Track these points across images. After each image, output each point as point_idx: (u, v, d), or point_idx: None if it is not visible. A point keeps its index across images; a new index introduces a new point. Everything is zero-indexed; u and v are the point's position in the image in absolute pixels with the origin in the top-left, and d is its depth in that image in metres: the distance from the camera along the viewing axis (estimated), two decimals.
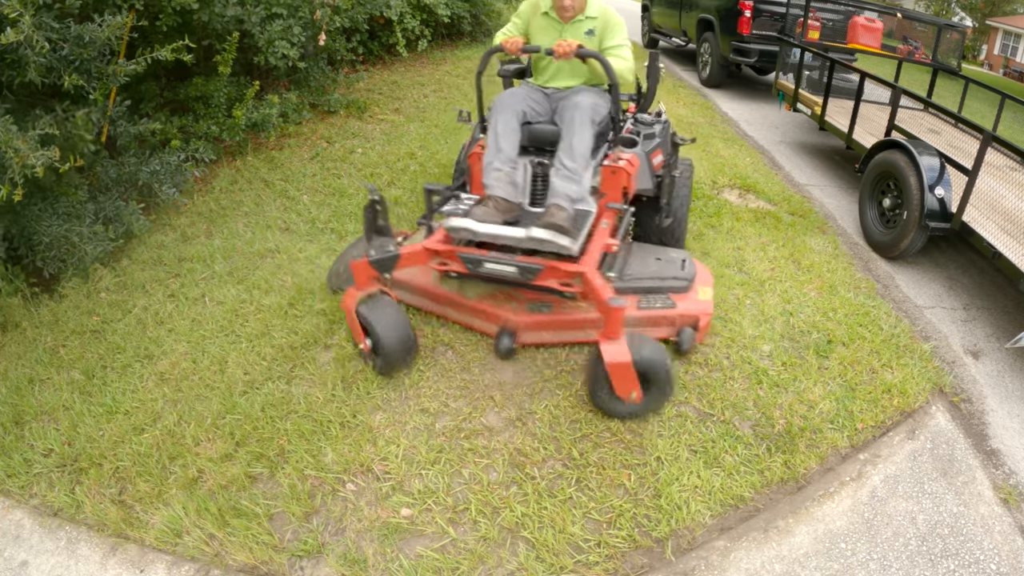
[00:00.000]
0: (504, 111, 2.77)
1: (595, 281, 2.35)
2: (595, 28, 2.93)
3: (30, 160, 2.53)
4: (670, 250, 3.15)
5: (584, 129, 2.64)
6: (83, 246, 3.11)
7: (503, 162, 2.68)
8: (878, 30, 6.35)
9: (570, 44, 2.67)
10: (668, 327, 2.83)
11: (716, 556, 2.05)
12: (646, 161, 3.04)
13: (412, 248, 2.58)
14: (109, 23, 2.93)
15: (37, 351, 2.77)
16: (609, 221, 2.80)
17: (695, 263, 3.06)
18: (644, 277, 2.89)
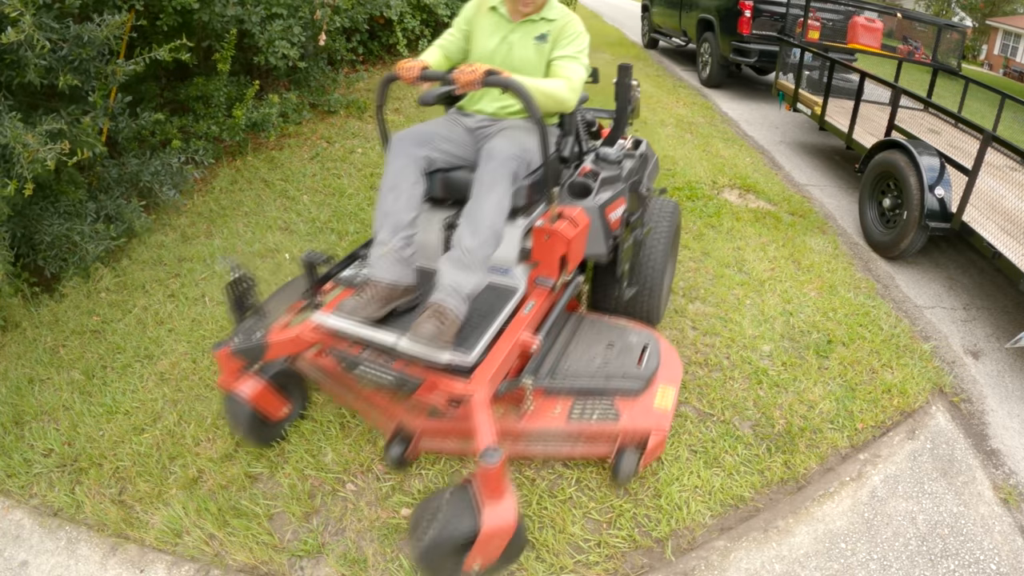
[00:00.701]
0: (397, 160, 2.11)
1: (479, 417, 1.74)
2: (549, 33, 2.30)
3: (40, 154, 2.53)
4: (631, 330, 2.42)
5: (495, 190, 2.00)
6: (84, 245, 3.11)
7: (390, 233, 2.04)
8: (878, 30, 6.36)
9: (475, 69, 1.97)
10: (606, 445, 2.16)
11: (716, 556, 2.05)
12: (599, 217, 2.33)
13: (283, 335, 2.07)
14: (108, 23, 2.93)
15: (37, 351, 2.77)
16: (538, 302, 2.18)
17: (662, 348, 2.35)
18: (584, 374, 2.18)
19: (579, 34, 2.32)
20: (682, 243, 3.94)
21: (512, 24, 2.34)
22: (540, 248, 2.22)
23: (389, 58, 7.45)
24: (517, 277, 2.25)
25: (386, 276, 2.02)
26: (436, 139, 2.21)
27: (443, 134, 2.26)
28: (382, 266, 2.02)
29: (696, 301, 3.34)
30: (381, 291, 2.00)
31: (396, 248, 2.03)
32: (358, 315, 1.95)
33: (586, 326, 2.45)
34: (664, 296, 2.90)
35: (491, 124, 2.36)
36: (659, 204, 2.92)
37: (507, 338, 2.00)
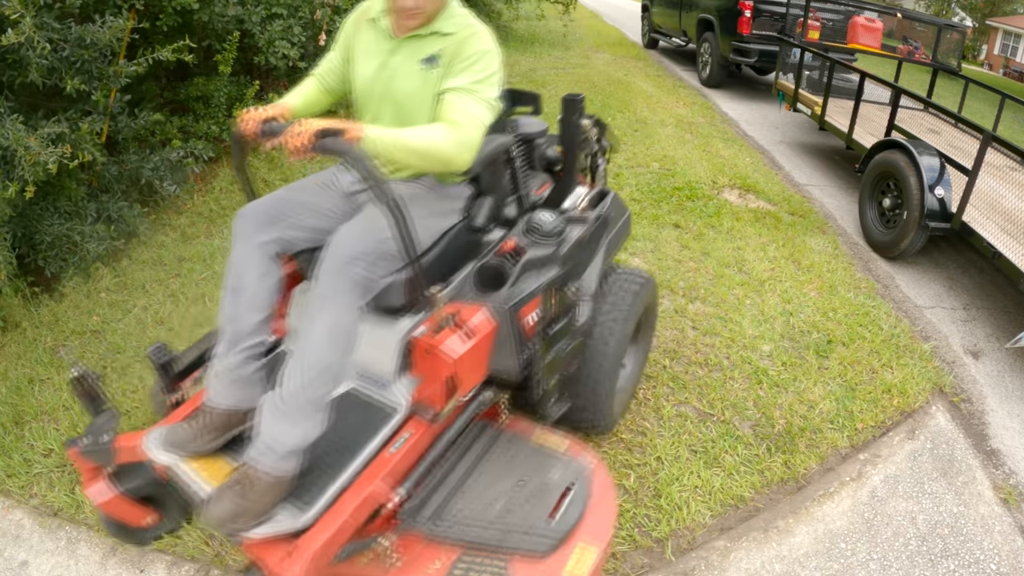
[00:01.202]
0: (239, 246, 1.65)
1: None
2: (441, 54, 1.65)
3: (42, 157, 2.53)
4: (557, 460, 1.83)
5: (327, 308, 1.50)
6: (84, 245, 3.11)
7: (229, 345, 1.64)
8: (878, 30, 6.36)
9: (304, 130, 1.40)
10: None
11: (716, 556, 2.05)
12: (511, 323, 1.73)
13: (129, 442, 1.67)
14: (110, 24, 2.93)
15: (37, 351, 2.77)
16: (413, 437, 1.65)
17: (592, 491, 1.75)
18: (478, 521, 1.66)
19: (481, 55, 1.64)
20: (682, 243, 3.93)
21: (395, 42, 1.70)
22: (421, 365, 1.66)
23: None
24: (397, 394, 1.72)
25: (222, 402, 1.61)
26: (296, 212, 1.69)
27: (308, 203, 1.73)
28: (216, 388, 1.62)
29: (696, 301, 3.34)
30: (216, 419, 1.61)
31: (235, 365, 1.62)
32: (185, 449, 1.57)
33: (501, 446, 1.87)
34: (622, 398, 2.34)
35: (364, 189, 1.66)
36: (623, 279, 2.20)
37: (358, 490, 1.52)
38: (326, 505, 1.50)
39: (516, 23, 11.10)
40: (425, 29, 1.68)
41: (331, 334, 1.49)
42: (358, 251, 1.52)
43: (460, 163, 1.60)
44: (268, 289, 1.66)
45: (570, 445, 1.89)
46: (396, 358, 1.71)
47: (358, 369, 1.78)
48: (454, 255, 1.81)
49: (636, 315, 2.18)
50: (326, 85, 1.89)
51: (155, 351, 1.83)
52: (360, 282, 1.52)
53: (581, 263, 2.02)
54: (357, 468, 1.57)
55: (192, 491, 1.54)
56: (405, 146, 1.52)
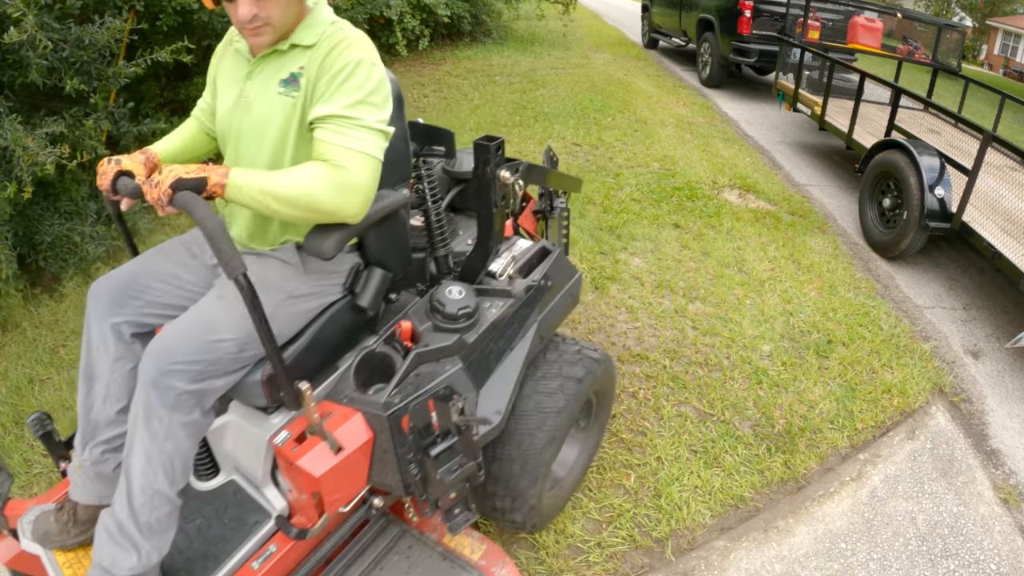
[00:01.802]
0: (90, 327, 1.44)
1: None
2: (302, 72, 1.33)
3: (40, 158, 2.53)
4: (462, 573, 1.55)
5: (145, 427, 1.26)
6: (85, 245, 3.11)
7: (83, 440, 1.45)
8: (878, 30, 6.36)
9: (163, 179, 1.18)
10: None
11: (716, 556, 2.05)
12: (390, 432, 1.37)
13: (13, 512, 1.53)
14: (109, 25, 2.93)
15: (37, 351, 2.77)
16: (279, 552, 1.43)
17: None
18: None
19: (352, 67, 1.29)
20: (682, 243, 3.94)
21: (251, 64, 1.39)
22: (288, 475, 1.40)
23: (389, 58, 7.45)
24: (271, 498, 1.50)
25: (83, 498, 1.44)
26: (152, 288, 1.47)
27: (167, 275, 1.50)
28: (78, 483, 1.45)
29: (696, 301, 3.34)
30: (81, 514, 1.45)
31: (94, 460, 1.43)
32: (53, 542, 1.45)
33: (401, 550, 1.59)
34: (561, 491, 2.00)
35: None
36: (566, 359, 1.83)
37: None
38: None
39: (516, 23, 11.10)
40: (283, 43, 1.35)
41: (153, 459, 1.26)
42: (178, 359, 1.24)
43: (347, 212, 1.28)
44: (124, 376, 1.41)
45: (486, 551, 1.59)
46: (265, 461, 1.47)
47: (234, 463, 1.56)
48: (334, 338, 1.49)
49: (581, 399, 1.80)
50: (204, 126, 1.62)
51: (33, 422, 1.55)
52: (183, 397, 1.25)
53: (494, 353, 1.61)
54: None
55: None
56: (276, 194, 1.22)
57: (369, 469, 1.42)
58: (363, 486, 1.44)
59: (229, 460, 1.55)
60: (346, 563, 1.52)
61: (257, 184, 1.23)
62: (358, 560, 1.53)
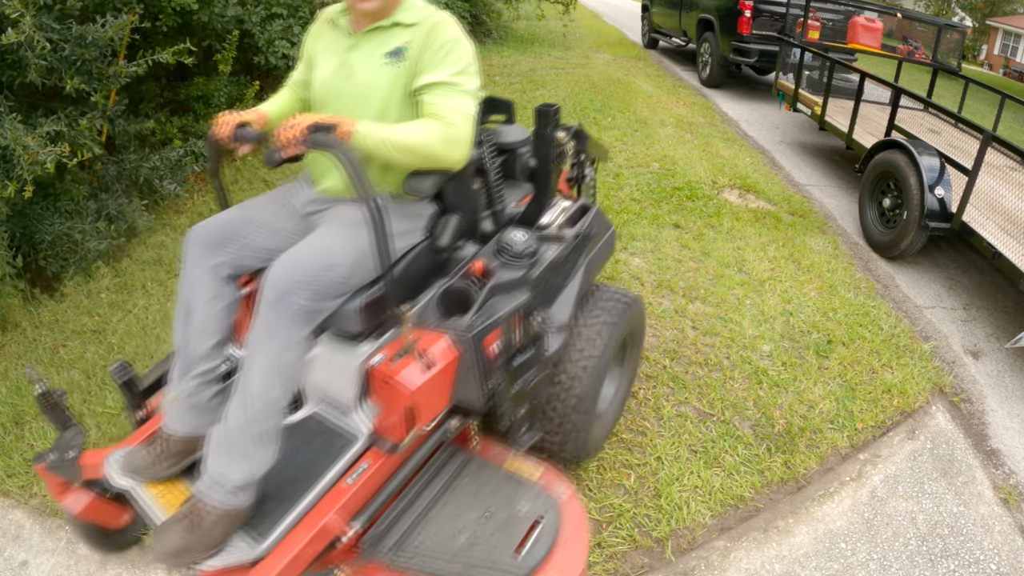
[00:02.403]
0: (189, 268, 1.59)
1: None
2: (408, 46, 1.57)
3: (40, 157, 2.53)
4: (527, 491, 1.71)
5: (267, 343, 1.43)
6: (85, 244, 3.11)
7: (182, 372, 1.59)
8: (878, 30, 6.36)
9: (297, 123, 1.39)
10: None
11: (716, 556, 2.05)
12: (475, 352, 1.61)
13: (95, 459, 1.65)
14: (112, 24, 2.93)
15: (37, 351, 2.77)
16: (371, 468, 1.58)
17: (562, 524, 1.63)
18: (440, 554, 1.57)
19: (452, 44, 1.56)
20: (682, 243, 3.94)
21: (353, 38, 1.63)
22: (380, 394, 1.59)
23: None
24: (357, 423, 1.64)
25: (180, 428, 1.59)
26: (248, 232, 1.62)
27: (260, 223, 1.65)
28: (173, 415, 1.60)
29: (696, 301, 3.34)
30: (174, 445, 1.59)
31: (190, 391, 1.58)
32: (143, 475, 1.57)
33: (470, 474, 1.76)
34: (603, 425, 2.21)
35: (322, 208, 1.69)
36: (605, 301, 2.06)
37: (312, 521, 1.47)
38: (280, 536, 1.45)
39: (516, 23, 11.10)
40: (386, 21, 1.60)
41: (272, 369, 1.42)
42: (298, 280, 1.42)
43: (452, 160, 1.54)
44: (219, 313, 1.59)
45: (544, 473, 1.76)
46: (355, 386, 1.62)
47: (319, 394, 1.71)
48: (416, 276, 1.69)
49: (618, 340, 2.03)
50: (298, 95, 1.85)
51: (117, 370, 1.76)
52: (300, 313, 1.42)
53: (555, 286, 1.89)
54: (313, 499, 1.52)
55: (148, 518, 1.51)
56: (395, 143, 1.46)
57: (453, 387, 1.63)
58: (446, 403, 1.66)
59: (315, 392, 1.70)
60: (422, 485, 1.69)
61: (380, 134, 1.45)
62: (432, 483, 1.71)
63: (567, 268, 1.95)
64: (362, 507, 1.56)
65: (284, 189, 1.81)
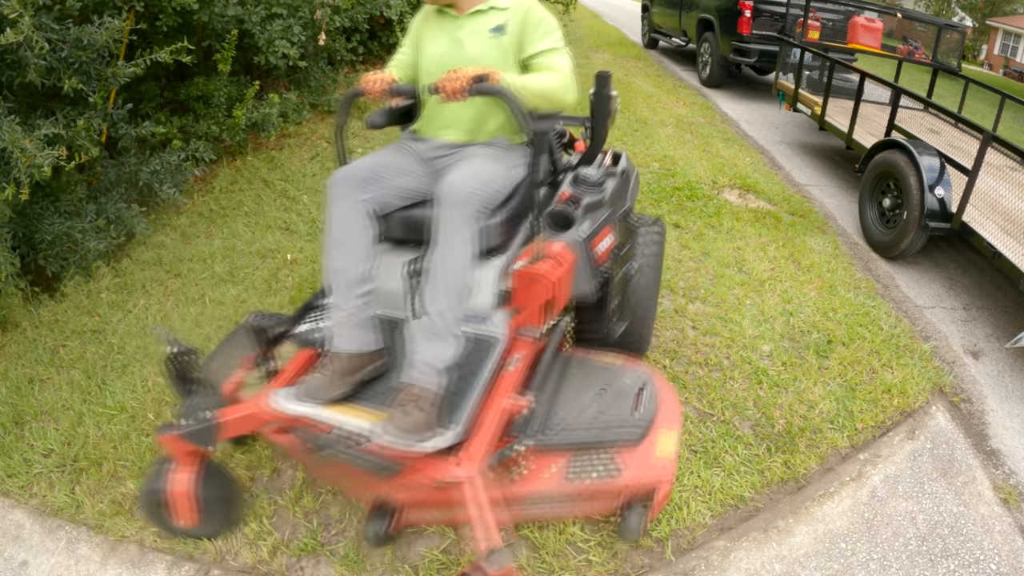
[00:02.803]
0: (343, 199, 1.81)
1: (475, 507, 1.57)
2: (506, 24, 1.97)
3: (37, 160, 2.53)
4: (624, 370, 2.14)
5: (457, 239, 1.71)
6: (85, 243, 3.11)
7: (345, 294, 1.79)
8: (878, 30, 6.36)
9: (461, 76, 1.72)
10: (608, 502, 1.92)
11: (716, 556, 2.05)
12: (585, 253, 2.05)
13: (236, 414, 1.78)
14: (109, 26, 2.93)
15: (37, 351, 2.77)
16: (524, 353, 1.94)
17: (658, 387, 2.08)
18: (578, 426, 1.92)
19: (546, 19, 2.03)
20: (682, 243, 3.94)
21: (459, 19, 2.03)
22: (521, 293, 1.93)
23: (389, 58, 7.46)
24: (496, 325, 1.95)
25: (349, 346, 1.77)
26: (385, 176, 1.89)
27: (394, 167, 1.93)
28: (343, 335, 1.77)
29: (696, 301, 3.34)
30: (345, 364, 1.76)
31: (354, 311, 1.79)
32: (322, 397, 1.71)
33: (574, 368, 2.14)
34: (651, 326, 2.73)
35: (449, 152, 2.03)
36: (645, 222, 2.62)
37: (493, 404, 1.76)
38: (469, 422, 1.71)
39: None
40: (484, 5, 2.02)
41: (462, 261, 1.72)
42: (472, 190, 1.74)
43: (568, 101, 1.95)
44: (369, 242, 1.83)
45: (625, 360, 2.23)
46: (494, 294, 1.95)
47: None
48: (524, 204, 2.06)
49: (662, 252, 2.66)
50: (403, 72, 2.16)
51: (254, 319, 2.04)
52: (476, 215, 1.74)
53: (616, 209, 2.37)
54: (484, 388, 1.81)
55: (348, 430, 1.68)
56: (530, 88, 1.85)
57: (572, 282, 2.04)
58: (568, 296, 2.07)
59: None
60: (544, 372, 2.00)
61: (519, 82, 1.83)
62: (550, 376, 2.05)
63: (620, 194, 2.44)
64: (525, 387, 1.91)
65: (401, 143, 2.12)
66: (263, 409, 1.75)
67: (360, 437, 1.66)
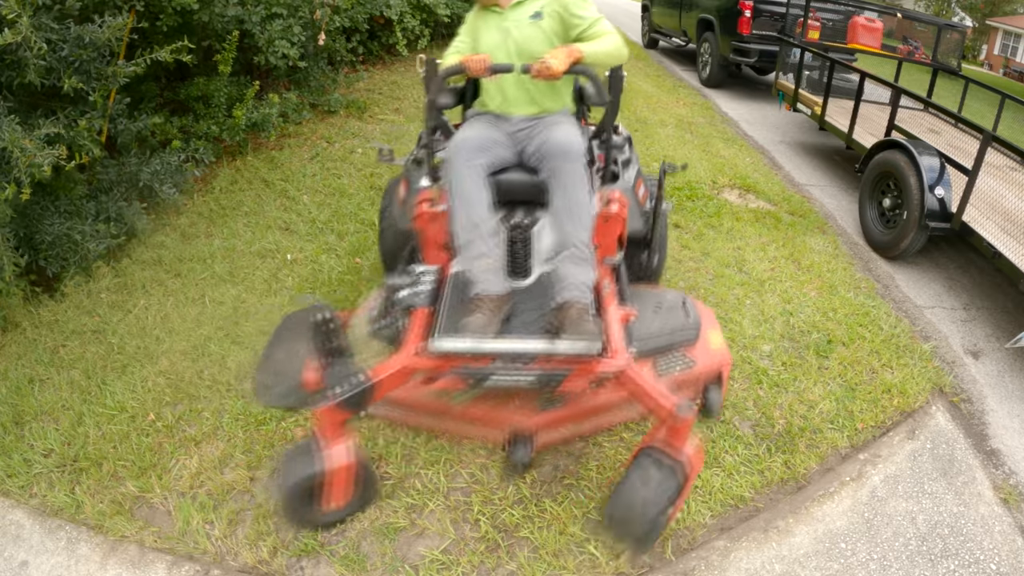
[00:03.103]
0: (468, 164, 2.10)
1: (644, 382, 1.89)
2: (542, 10, 2.28)
3: (37, 159, 2.53)
4: (665, 292, 2.64)
5: (580, 183, 2.07)
6: (85, 244, 3.11)
7: (486, 242, 2.06)
8: (878, 30, 6.36)
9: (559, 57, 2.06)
10: (693, 388, 2.40)
11: (716, 556, 2.05)
12: (633, 197, 2.55)
13: (388, 370, 1.90)
14: (109, 24, 2.93)
15: (37, 351, 2.77)
16: (608, 280, 2.29)
17: (694, 302, 2.56)
18: (651, 335, 2.33)
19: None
20: (682, 243, 3.95)
21: (504, 12, 2.33)
22: (601, 230, 2.31)
23: (389, 58, 7.46)
24: None
25: (498, 288, 2.03)
26: (490, 145, 2.23)
27: (492, 138, 2.27)
28: (490, 279, 2.03)
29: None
30: (496, 303, 1.99)
31: (497, 258, 2.10)
32: (488, 332, 1.89)
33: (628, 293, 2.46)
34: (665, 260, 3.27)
35: (531, 124, 2.36)
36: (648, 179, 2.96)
37: (612, 314, 2.08)
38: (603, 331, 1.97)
39: None
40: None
41: (588, 199, 2.10)
42: (578, 145, 2.13)
43: (625, 55, 2.30)
44: (489, 198, 2.12)
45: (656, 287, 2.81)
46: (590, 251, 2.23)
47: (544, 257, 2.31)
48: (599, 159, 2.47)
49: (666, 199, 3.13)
50: None
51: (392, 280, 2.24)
52: (584, 164, 2.12)
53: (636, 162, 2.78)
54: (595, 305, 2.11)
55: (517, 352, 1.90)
56: (604, 53, 2.20)
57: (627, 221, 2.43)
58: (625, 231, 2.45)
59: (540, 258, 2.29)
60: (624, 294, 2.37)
61: (591, 49, 2.16)
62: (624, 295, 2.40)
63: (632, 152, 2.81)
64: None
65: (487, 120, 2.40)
66: (417, 359, 1.91)
67: (527, 356, 1.89)
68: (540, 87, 2.32)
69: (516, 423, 2.18)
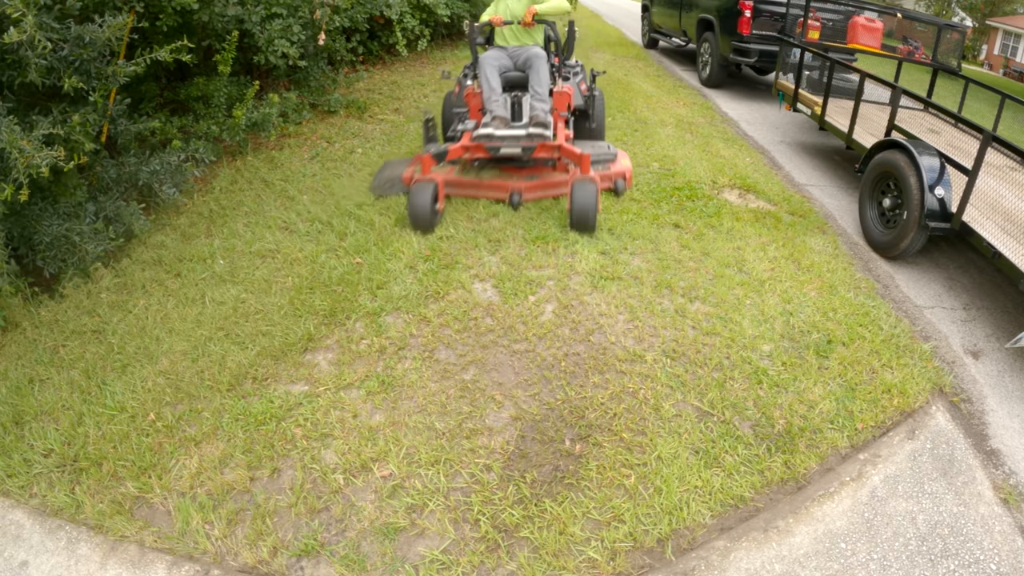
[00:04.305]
0: (490, 66, 4.27)
1: (571, 148, 4.03)
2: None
3: (35, 160, 2.53)
4: (599, 142, 4.87)
5: (543, 71, 4.24)
6: (84, 245, 3.11)
7: (497, 95, 4.22)
8: (878, 30, 6.35)
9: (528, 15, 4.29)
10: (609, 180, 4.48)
11: (716, 556, 2.05)
12: (577, 88, 4.74)
13: (454, 146, 4.05)
14: (110, 24, 2.93)
15: (37, 351, 2.77)
16: (560, 123, 4.43)
17: (615, 146, 4.84)
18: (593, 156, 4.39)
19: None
20: (682, 243, 3.95)
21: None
22: (557, 100, 4.44)
23: (389, 58, 7.46)
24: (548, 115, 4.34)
25: (504, 112, 4.18)
26: (500, 59, 4.32)
27: (500, 56, 4.36)
28: (499, 109, 4.15)
29: (696, 301, 3.34)
30: (501, 119, 4.09)
31: (503, 102, 4.23)
32: (500, 129, 4.02)
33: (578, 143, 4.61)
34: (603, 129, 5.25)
35: (520, 50, 4.42)
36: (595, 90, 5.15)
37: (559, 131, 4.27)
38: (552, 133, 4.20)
39: None
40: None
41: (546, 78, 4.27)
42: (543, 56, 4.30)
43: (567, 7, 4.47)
44: (500, 85, 4.23)
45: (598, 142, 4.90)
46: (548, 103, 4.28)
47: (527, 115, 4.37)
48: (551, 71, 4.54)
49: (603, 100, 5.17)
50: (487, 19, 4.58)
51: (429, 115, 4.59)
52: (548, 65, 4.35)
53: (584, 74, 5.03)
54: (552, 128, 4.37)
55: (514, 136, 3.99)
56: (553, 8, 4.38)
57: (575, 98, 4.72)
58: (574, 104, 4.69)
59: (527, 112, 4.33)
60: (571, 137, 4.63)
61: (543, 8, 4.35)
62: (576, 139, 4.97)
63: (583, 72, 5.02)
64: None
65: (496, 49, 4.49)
66: (469, 140, 4.06)
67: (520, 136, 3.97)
68: (523, 31, 4.45)
69: (513, 187, 4.16)
